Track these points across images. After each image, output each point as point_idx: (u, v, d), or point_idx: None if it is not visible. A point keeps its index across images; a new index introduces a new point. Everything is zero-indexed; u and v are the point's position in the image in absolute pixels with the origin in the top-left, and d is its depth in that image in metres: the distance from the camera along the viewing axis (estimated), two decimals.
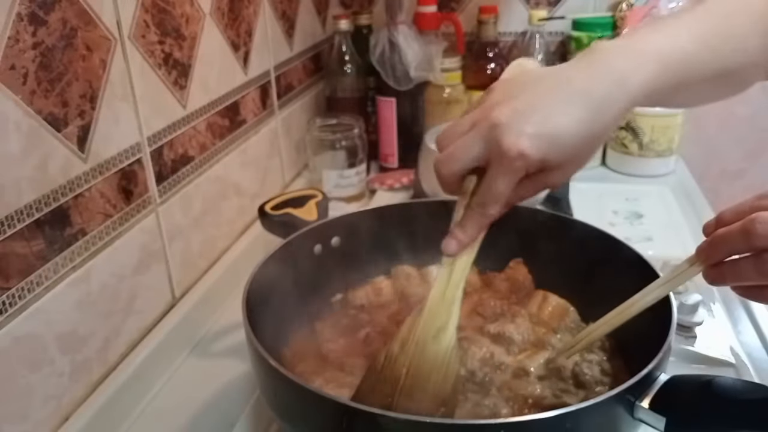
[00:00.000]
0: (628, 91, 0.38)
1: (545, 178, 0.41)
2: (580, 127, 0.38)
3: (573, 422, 0.36)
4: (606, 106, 0.38)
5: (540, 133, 0.37)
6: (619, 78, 0.38)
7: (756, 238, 0.35)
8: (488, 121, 0.38)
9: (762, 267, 0.35)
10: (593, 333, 0.46)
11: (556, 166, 0.39)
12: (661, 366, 0.40)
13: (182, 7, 0.64)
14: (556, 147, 0.38)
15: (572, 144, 0.38)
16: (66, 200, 0.49)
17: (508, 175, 0.38)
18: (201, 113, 0.69)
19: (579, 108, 0.38)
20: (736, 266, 0.37)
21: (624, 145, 0.99)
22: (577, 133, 0.38)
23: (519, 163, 0.37)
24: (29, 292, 0.46)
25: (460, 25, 1.00)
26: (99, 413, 0.51)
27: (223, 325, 0.68)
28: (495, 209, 0.40)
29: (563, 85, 0.38)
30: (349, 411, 0.38)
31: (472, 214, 0.41)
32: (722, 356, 0.58)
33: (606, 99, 0.38)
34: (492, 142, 0.38)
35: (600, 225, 0.57)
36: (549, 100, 0.38)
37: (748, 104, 1.06)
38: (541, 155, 0.37)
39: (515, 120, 0.37)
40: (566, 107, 0.38)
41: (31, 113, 0.46)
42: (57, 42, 0.47)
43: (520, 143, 0.37)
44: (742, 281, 0.38)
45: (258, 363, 0.43)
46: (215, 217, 0.73)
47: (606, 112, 0.38)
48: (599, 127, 0.38)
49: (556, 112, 0.38)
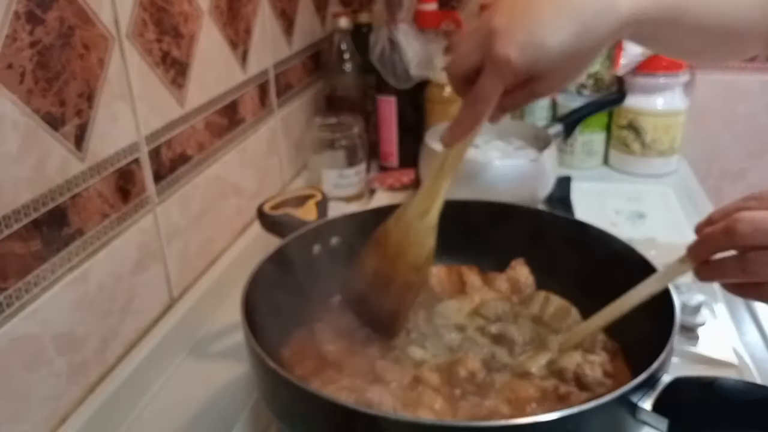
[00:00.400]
0: (619, 12, 0.40)
1: (533, 88, 0.44)
2: (568, 40, 0.40)
3: (575, 424, 0.36)
4: (595, 23, 0.40)
5: (528, 42, 0.40)
6: (611, 2, 0.40)
7: (738, 237, 0.36)
8: (486, 28, 0.41)
9: (744, 265, 0.37)
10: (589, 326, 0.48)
11: (542, 75, 0.42)
12: (663, 367, 0.40)
13: (180, 5, 0.64)
14: (542, 56, 0.40)
15: (559, 55, 0.40)
16: (63, 200, 0.49)
17: (496, 78, 0.41)
18: (199, 112, 0.69)
19: (569, 21, 0.40)
20: (721, 264, 0.39)
21: (626, 145, 0.99)
22: (564, 44, 0.40)
23: (506, 68, 0.40)
24: (26, 292, 0.46)
25: (460, 24, 0.99)
26: (96, 414, 0.51)
27: (221, 325, 0.68)
28: (484, 108, 0.43)
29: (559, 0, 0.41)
30: (349, 413, 0.37)
31: (464, 109, 0.44)
32: (725, 357, 0.58)
33: (596, 16, 0.40)
34: (486, 47, 0.41)
35: (602, 225, 0.56)
36: (543, 12, 0.40)
37: (750, 103, 1.06)
38: (527, 63, 0.40)
39: (508, 28, 0.40)
40: (558, 20, 0.40)
41: (28, 112, 0.45)
42: (55, 41, 0.47)
43: (509, 50, 0.40)
44: (727, 278, 0.39)
45: (256, 364, 0.43)
46: (213, 217, 0.73)
47: (595, 29, 0.40)
48: (587, 43, 0.41)
49: (547, 24, 0.40)
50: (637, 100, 0.96)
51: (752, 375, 0.56)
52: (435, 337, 0.52)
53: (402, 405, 0.44)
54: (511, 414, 0.44)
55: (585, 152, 1.01)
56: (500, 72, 0.41)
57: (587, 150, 1.01)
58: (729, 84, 1.04)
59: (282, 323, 0.53)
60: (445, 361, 0.49)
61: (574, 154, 1.01)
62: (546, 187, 0.80)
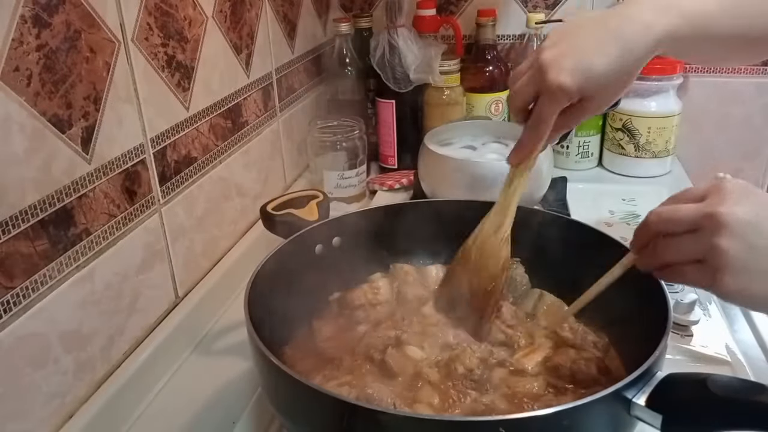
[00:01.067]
0: (654, 33, 0.47)
1: (584, 107, 0.49)
2: (611, 62, 0.46)
3: (570, 419, 0.37)
4: (634, 45, 0.46)
5: (576, 68, 0.46)
6: (646, 25, 0.47)
7: (651, 226, 0.44)
8: (537, 62, 0.48)
9: (654, 249, 0.44)
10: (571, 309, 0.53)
11: (592, 95, 0.48)
12: (657, 364, 0.41)
13: (185, 10, 0.65)
14: (590, 78, 0.46)
15: (605, 75, 0.46)
16: (70, 201, 0.50)
17: (552, 103, 0.47)
18: (204, 115, 0.70)
19: (611, 46, 0.46)
20: (645, 252, 0.45)
21: (620, 146, 1.00)
22: (609, 66, 0.46)
23: (560, 93, 0.47)
24: (33, 291, 0.47)
25: (458, 28, 1.00)
26: (102, 411, 0.52)
27: (225, 323, 0.69)
28: (544, 129, 0.49)
29: (600, 28, 0.47)
30: (349, 408, 0.38)
31: (526, 132, 0.50)
32: (718, 354, 0.59)
33: (633, 39, 0.46)
34: (540, 79, 0.47)
35: (596, 225, 0.57)
36: (587, 41, 0.47)
37: (744, 105, 1.06)
38: (578, 86, 0.46)
39: (557, 59, 0.47)
40: (601, 46, 0.47)
41: (35, 115, 0.46)
42: (61, 44, 0.48)
43: (561, 77, 0.46)
44: (650, 264, 0.45)
45: (260, 361, 0.43)
46: (218, 218, 0.73)
47: (633, 50, 0.47)
48: (627, 62, 0.47)
49: (592, 51, 0.47)
50: (630, 103, 0.97)
51: (745, 371, 0.57)
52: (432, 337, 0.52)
53: (401, 400, 0.44)
54: (508, 409, 0.45)
55: (580, 154, 1.02)
56: (555, 97, 0.47)
57: (582, 152, 1.02)
58: (723, 86, 1.05)
59: (284, 321, 0.53)
60: (443, 358, 0.49)
61: (569, 156, 1.03)
62: (542, 188, 0.81)
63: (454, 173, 0.77)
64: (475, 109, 1.00)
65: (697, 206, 0.41)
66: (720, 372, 0.40)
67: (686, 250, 0.41)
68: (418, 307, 0.57)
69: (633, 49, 0.46)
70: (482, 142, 0.87)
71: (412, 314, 0.55)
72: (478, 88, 1.00)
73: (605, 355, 0.51)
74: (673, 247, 0.42)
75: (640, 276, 0.47)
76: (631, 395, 0.39)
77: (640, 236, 0.45)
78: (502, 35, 1.07)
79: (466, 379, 0.47)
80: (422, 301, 0.58)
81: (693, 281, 0.42)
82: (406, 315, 0.55)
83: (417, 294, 0.59)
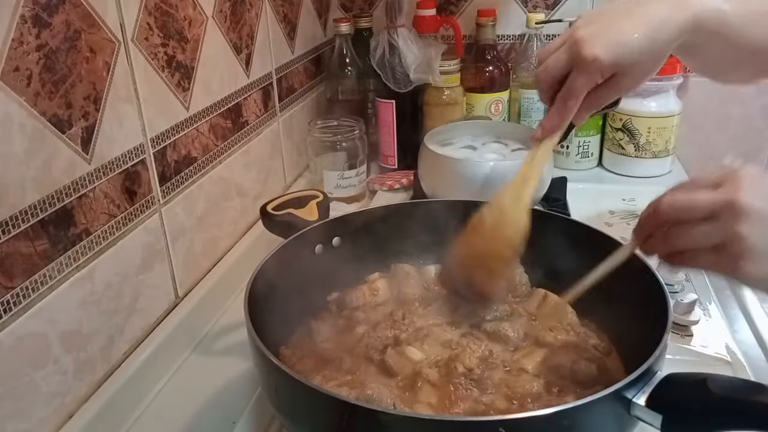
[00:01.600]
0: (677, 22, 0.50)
1: (618, 83, 0.51)
2: (643, 40, 0.49)
3: (570, 419, 0.37)
4: (662, 27, 0.49)
5: (612, 41, 0.48)
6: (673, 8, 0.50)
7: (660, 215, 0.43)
8: (572, 38, 0.50)
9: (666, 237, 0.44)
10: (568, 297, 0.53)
11: (626, 71, 0.50)
12: (657, 364, 0.41)
13: (185, 10, 0.65)
14: (625, 52, 0.49)
15: (638, 51, 0.49)
16: (70, 200, 0.50)
17: (585, 75, 0.49)
18: (204, 115, 0.70)
19: (642, 25, 0.49)
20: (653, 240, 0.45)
21: (620, 146, 1.00)
22: (641, 43, 0.49)
23: (594, 65, 0.49)
24: (33, 291, 0.47)
25: (458, 28, 1.00)
26: (102, 411, 0.52)
27: (225, 323, 0.69)
28: (574, 103, 0.51)
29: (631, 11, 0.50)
30: (349, 408, 0.38)
31: (556, 106, 0.51)
32: (718, 354, 0.59)
33: (662, 22, 0.49)
34: (574, 52, 0.49)
35: (597, 225, 0.57)
36: (621, 20, 0.50)
37: (744, 105, 1.06)
38: (612, 59, 0.48)
39: (592, 35, 0.49)
40: (633, 26, 0.49)
41: (35, 114, 0.46)
42: (61, 44, 0.48)
43: (596, 50, 0.48)
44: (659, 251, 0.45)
45: (260, 361, 0.44)
46: (218, 218, 0.74)
47: (662, 31, 0.49)
48: (656, 44, 0.49)
49: (624, 28, 0.49)
50: (630, 103, 0.97)
51: (745, 371, 0.57)
52: (432, 337, 0.53)
53: (401, 400, 0.44)
54: (508, 409, 0.45)
55: (580, 154, 1.02)
56: (589, 70, 0.49)
57: (582, 152, 1.02)
58: (723, 86, 1.05)
59: (284, 321, 0.54)
60: (443, 358, 0.50)
61: (569, 156, 1.03)
62: (542, 188, 0.81)
63: (454, 173, 0.77)
64: (475, 109, 1.01)
65: (714, 194, 0.41)
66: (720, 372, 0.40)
67: (703, 238, 0.41)
68: (418, 307, 0.57)
69: (662, 30, 0.49)
70: (482, 142, 0.87)
71: (411, 314, 0.55)
72: (478, 88, 1.00)
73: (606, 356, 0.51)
74: (689, 235, 0.42)
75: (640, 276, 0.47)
76: (631, 395, 0.39)
77: (647, 225, 0.45)
78: (502, 35, 1.07)
79: (465, 378, 0.47)
80: (422, 301, 0.58)
81: (709, 267, 0.42)
82: (406, 315, 0.55)
83: (417, 294, 0.59)
